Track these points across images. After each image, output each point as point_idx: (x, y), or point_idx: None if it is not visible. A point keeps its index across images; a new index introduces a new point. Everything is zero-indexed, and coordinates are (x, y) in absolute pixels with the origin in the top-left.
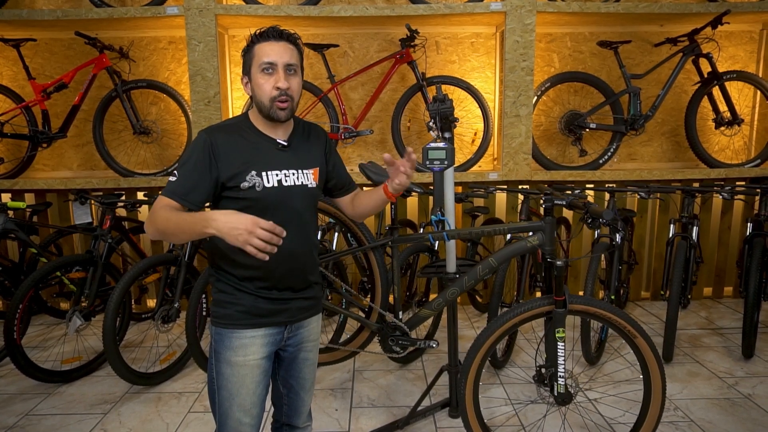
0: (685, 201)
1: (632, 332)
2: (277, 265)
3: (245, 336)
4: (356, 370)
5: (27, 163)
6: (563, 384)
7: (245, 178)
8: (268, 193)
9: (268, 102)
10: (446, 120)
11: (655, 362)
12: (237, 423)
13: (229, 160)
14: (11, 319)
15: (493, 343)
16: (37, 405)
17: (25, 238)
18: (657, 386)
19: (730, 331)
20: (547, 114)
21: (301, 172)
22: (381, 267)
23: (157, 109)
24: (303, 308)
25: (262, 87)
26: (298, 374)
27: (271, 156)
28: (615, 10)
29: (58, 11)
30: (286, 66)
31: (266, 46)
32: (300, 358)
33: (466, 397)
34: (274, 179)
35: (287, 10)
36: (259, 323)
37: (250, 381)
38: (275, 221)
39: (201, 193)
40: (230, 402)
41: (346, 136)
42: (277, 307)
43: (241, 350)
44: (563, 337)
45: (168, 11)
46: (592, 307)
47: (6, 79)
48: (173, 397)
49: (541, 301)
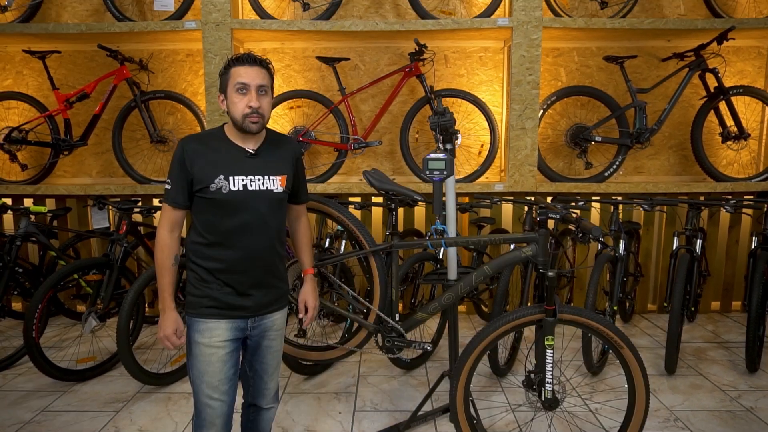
0: (690, 214)
1: (618, 343)
2: (240, 262)
3: (210, 321)
4: (361, 375)
5: (49, 169)
6: (550, 390)
7: (213, 180)
8: (233, 196)
9: (241, 118)
10: (446, 132)
11: (640, 374)
12: (207, 398)
13: (198, 164)
14: (30, 319)
15: (486, 347)
16: (53, 402)
17: (45, 242)
18: (641, 397)
19: (736, 344)
20: (554, 127)
21: (268, 178)
22: (380, 271)
23: (174, 119)
24: (265, 303)
25: (237, 105)
26: (262, 360)
27: (239, 163)
28: (621, 26)
29: (82, 25)
30: (258, 87)
31: (241, 69)
32: (263, 345)
33: (457, 398)
34: (239, 183)
35: (300, 24)
36: (222, 314)
37: (216, 360)
38: (240, 221)
39: (185, 195)
40: (200, 380)
41: (355, 147)
42: (239, 302)
43: (207, 333)
44: (552, 344)
45: (186, 25)
46: (580, 317)
47: (31, 89)
48: (183, 397)
49: (533, 309)
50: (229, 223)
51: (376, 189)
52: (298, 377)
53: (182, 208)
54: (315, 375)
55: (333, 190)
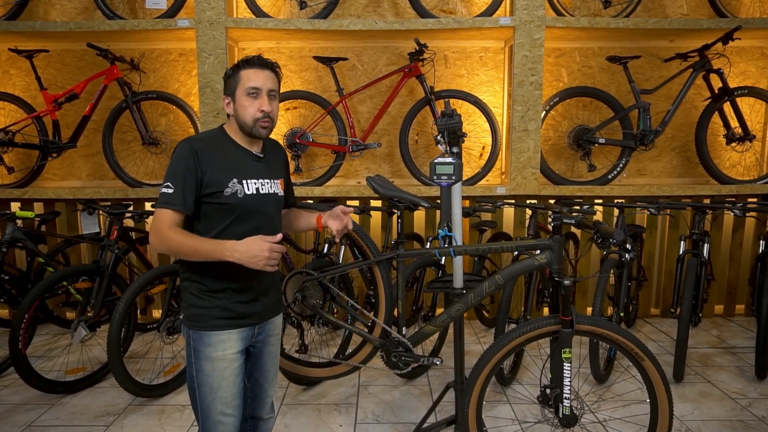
0: (696, 217)
1: (640, 355)
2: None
3: (223, 333)
4: (361, 384)
5: (37, 172)
6: (569, 406)
7: (228, 185)
8: (247, 200)
9: (252, 122)
10: (454, 135)
11: (663, 386)
12: (220, 415)
13: (213, 166)
14: (17, 329)
15: (499, 361)
16: (41, 416)
17: (32, 248)
18: (664, 410)
19: (743, 350)
20: (556, 129)
21: (273, 181)
22: (386, 281)
23: (166, 121)
24: (270, 308)
25: (247, 109)
26: (263, 367)
27: (250, 166)
28: (624, 26)
29: (71, 23)
30: (269, 91)
31: (252, 72)
32: (265, 352)
33: (469, 415)
34: (252, 187)
35: (297, 23)
36: (233, 324)
37: (229, 374)
38: (253, 225)
39: (193, 198)
40: (212, 397)
41: (353, 149)
42: (250, 309)
43: (219, 345)
44: (570, 357)
45: (179, 24)
46: (599, 328)
47: (18, 89)
48: (177, 410)
49: (548, 320)
50: (242, 228)
51: (381, 196)
52: (297, 388)
53: (186, 212)
54: (314, 385)
55: (331, 194)
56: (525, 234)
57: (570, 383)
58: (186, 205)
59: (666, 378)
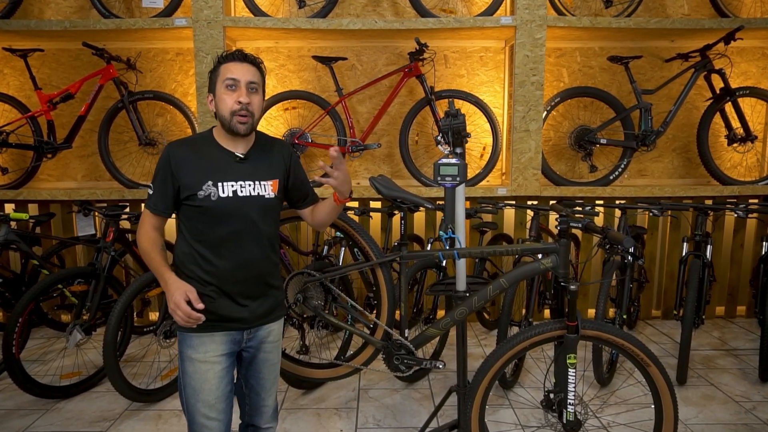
0: (699, 219)
1: (646, 361)
2: (232, 272)
3: (204, 335)
4: (362, 388)
5: (31, 173)
6: (573, 411)
7: (201, 187)
8: (223, 203)
9: (229, 115)
10: (458, 135)
11: (668, 392)
12: (203, 418)
13: (185, 171)
14: (10, 333)
15: (503, 365)
16: (35, 421)
17: (27, 250)
18: (669, 416)
19: (745, 352)
20: (557, 129)
21: (258, 183)
22: (388, 283)
23: (163, 121)
24: (261, 314)
25: (225, 101)
26: (258, 374)
27: (228, 168)
28: (626, 26)
29: (66, 22)
30: (248, 83)
31: (231, 65)
32: (259, 358)
33: (471, 421)
34: (229, 189)
35: (296, 22)
36: (216, 327)
37: (212, 376)
38: (231, 229)
39: (169, 202)
40: (195, 398)
41: (353, 150)
42: (234, 313)
43: (201, 347)
44: (575, 363)
45: (176, 23)
46: (605, 333)
47: (12, 89)
48: (174, 415)
49: (553, 324)
50: (220, 232)
51: (385, 196)
52: (296, 392)
53: (162, 215)
54: (313, 389)
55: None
56: (526, 235)
57: (574, 388)
58: (158, 208)
59: (672, 384)
